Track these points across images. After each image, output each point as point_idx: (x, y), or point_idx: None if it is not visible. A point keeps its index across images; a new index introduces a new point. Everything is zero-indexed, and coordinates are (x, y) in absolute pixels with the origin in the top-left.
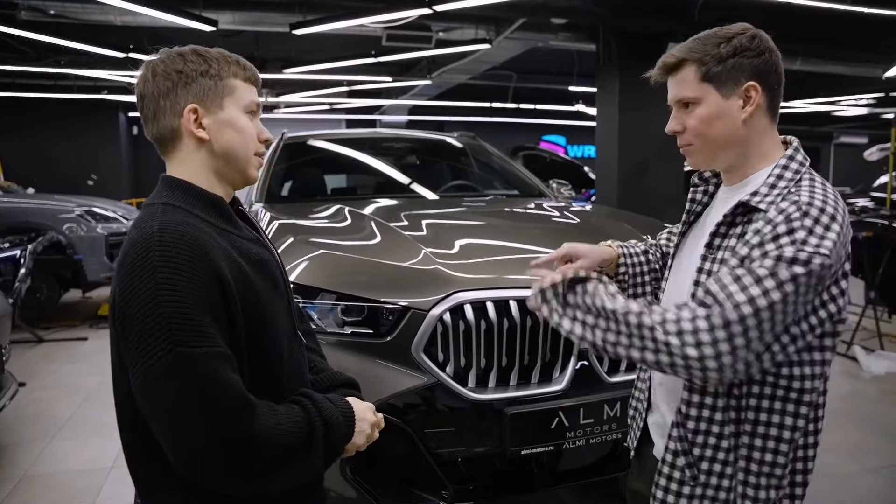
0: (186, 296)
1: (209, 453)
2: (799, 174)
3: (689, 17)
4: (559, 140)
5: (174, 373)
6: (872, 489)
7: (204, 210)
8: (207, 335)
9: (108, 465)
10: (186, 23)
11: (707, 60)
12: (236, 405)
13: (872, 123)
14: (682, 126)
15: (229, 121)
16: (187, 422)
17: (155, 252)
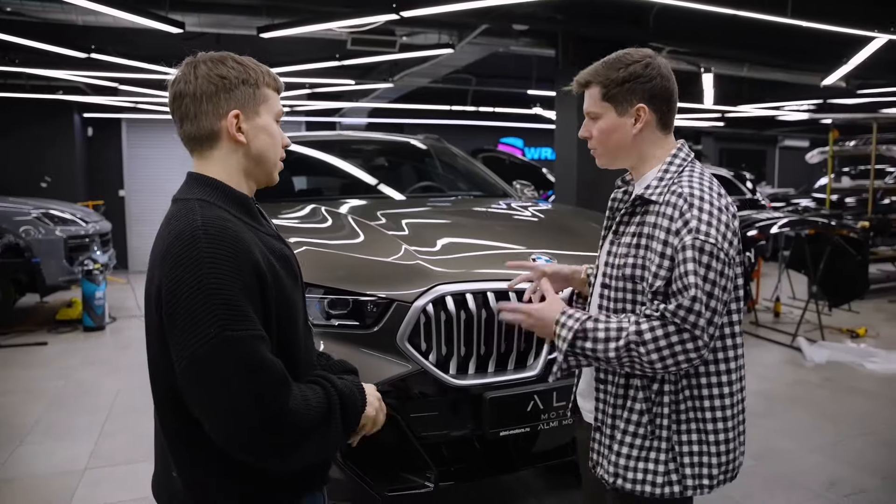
0: (231, 284)
1: (254, 428)
2: (682, 167)
3: (645, 24)
4: (517, 142)
5: (222, 354)
6: (817, 465)
7: (234, 207)
8: (250, 319)
9: (81, 468)
10: (153, 24)
11: (607, 84)
12: (277, 382)
13: (813, 128)
14: (589, 133)
15: (264, 127)
16: (234, 399)
17: (202, 244)
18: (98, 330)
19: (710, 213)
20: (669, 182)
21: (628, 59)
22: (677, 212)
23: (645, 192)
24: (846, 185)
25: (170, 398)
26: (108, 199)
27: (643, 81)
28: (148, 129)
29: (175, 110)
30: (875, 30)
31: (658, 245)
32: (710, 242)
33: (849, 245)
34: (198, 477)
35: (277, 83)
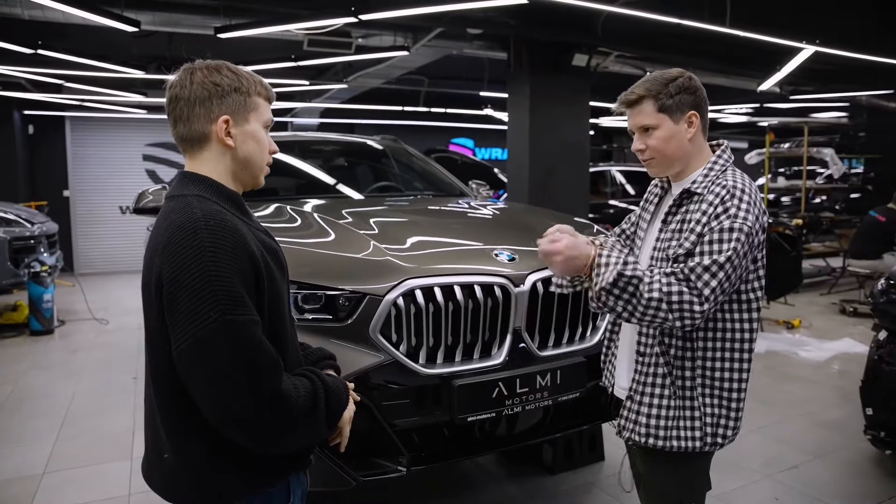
0: (230, 272)
1: (249, 408)
2: (725, 167)
3: (594, 31)
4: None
5: (222, 337)
6: (756, 445)
7: (227, 203)
8: (247, 305)
9: (39, 472)
10: (108, 22)
11: (661, 97)
12: (272, 365)
13: (751, 130)
14: (645, 145)
15: (252, 133)
16: (233, 379)
17: (203, 234)
18: (46, 334)
19: (748, 202)
20: (714, 177)
21: (672, 75)
22: (718, 199)
23: (691, 186)
24: (781, 184)
25: (167, 380)
26: (51, 200)
27: (691, 92)
28: (94, 128)
29: (170, 112)
30: (803, 41)
31: (697, 226)
32: (747, 224)
33: (784, 241)
34: (191, 454)
35: (268, 93)
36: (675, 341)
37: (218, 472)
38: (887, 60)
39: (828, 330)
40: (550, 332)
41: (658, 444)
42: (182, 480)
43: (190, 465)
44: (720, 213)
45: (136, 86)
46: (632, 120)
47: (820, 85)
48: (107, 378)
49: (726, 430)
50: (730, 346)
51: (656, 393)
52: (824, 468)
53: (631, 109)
